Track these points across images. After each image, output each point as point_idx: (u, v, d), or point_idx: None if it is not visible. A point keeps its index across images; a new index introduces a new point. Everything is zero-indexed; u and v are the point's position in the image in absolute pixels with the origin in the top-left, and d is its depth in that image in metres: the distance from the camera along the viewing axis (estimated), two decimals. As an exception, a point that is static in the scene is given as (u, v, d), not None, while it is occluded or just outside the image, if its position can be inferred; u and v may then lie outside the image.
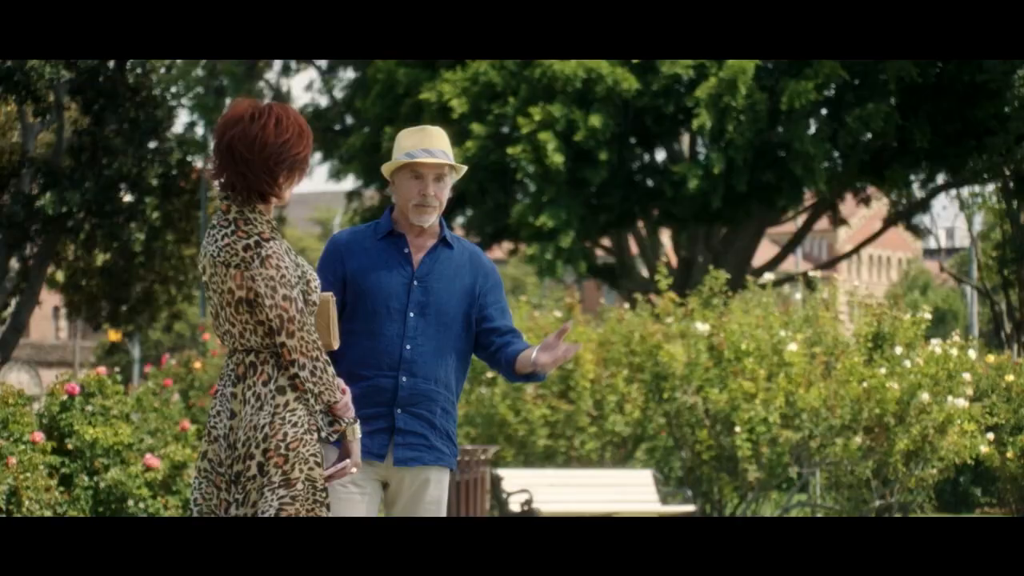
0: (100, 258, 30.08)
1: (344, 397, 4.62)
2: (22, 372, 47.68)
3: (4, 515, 11.63)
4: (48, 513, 11.90)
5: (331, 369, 4.60)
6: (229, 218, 4.61)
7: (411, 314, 5.22)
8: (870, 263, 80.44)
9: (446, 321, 5.27)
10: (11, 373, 45.68)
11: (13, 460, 11.78)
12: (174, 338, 45.64)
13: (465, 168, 5.51)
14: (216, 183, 4.69)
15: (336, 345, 4.73)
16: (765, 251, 35.06)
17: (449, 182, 5.38)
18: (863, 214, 50.87)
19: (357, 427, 4.65)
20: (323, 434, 4.57)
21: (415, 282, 5.27)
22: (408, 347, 5.21)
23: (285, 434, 4.47)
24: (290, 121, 4.66)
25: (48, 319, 60.10)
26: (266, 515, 4.41)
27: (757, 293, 16.34)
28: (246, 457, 4.47)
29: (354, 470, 4.62)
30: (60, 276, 34.47)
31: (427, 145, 5.32)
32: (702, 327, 15.54)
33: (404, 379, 5.21)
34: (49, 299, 48.44)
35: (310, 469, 4.49)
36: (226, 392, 4.58)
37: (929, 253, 65.27)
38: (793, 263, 46.80)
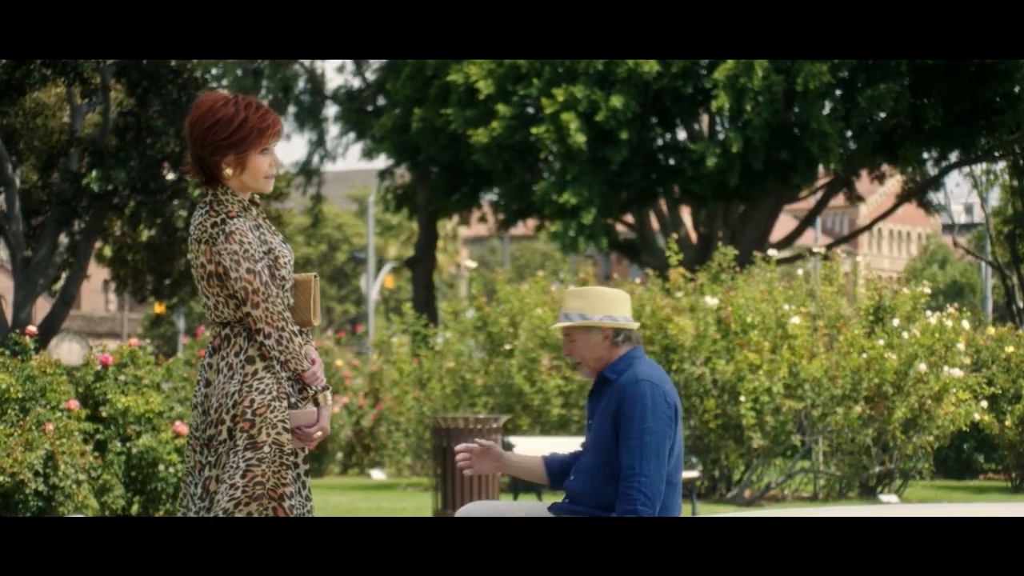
0: (145, 234, 30.48)
1: (312, 367, 4.74)
2: (73, 343, 48.12)
3: (42, 478, 11.92)
4: (83, 477, 12.19)
5: (298, 340, 4.71)
6: (207, 200, 4.77)
7: (583, 455, 5.61)
8: (890, 238, 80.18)
9: (604, 455, 5.51)
10: (63, 344, 46.14)
11: (50, 427, 12.06)
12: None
13: (595, 321, 5.59)
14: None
15: (316, 321, 4.85)
16: (786, 227, 34.99)
17: (579, 336, 5.58)
18: (883, 191, 50.75)
19: (327, 395, 4.77)
20: (292, 400, 4.69)
21: (587, 423, 5.66)
22: (571, 477, 5.60)
23: (252, 400, 4.61)
24: (225, 107, 4.71)
25: (98, 292, 60.61)
26: (235, 476, 4.60)
27: (764, 268, 16.48)
28: (217, 422, 4.63)
29: (319, 434, 4.73)
30: (107, 251, 34.85)
31: (562, 310, 5.64)
32: (710, 301, 15.71)
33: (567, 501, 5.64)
34: (99, 273, 48.89)
35: (278, 434, 4.62)
36: (204, 363, 4.75)
37: (947, 228, 65.01)
38: (812, 238, 46.71)
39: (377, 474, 20.25)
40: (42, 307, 37.78)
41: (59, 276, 31.78)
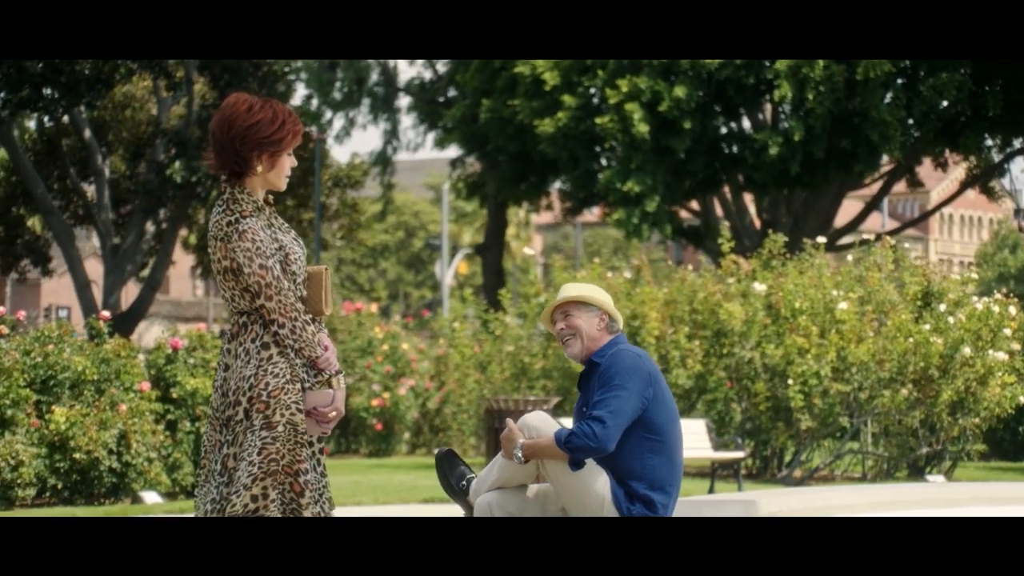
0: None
1: (325, 353, 4.97)
2: (163, 327, 49.02)
3: (115, 456, 12.34)
4: (154, 455, 12.60)
5: (311, 328, 4.95)
6: (223, 198, 5.02)
7: None
8: (961, 223, 79.36)
9: None
10: (152, 328, 47.00)
11: (124, 407, 12.49)
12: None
13: (592, 296, 5.92)
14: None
15: (328, 311, 5.09)
16: (854, 212, 34.84)
17: (581, 314, 5.91)
18: (954, 177, 50.30)
19: (340, 378, 5.01)
20: (307, 384, 4.95)
21: (577, 407, 6.01)
22: None
23: (267, 383, 4.85)
24: (264, 109, 4.97)
25: (186, 278, 61.55)
26: (252, 454, 4.87)
27: (813, 255, 16.58)
28: (235, 404, 4.88)
29: (334, 415, 4.99)
30: (192, 239, 35.48)
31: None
32: (759, 287, 15.86)
33: None
34: (186, 259, 49.73)
35: (292, 414, 4.87)
36: (223, 348, 5.02)
37: (1018, 213, 64.27)
38: (880, 223, 46.46)
39: (443, 454, 20.60)
40: (133, 292, 38.56)
41: (146, 263, 32.50)
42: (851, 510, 8.66)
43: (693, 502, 8.06)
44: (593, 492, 5.74)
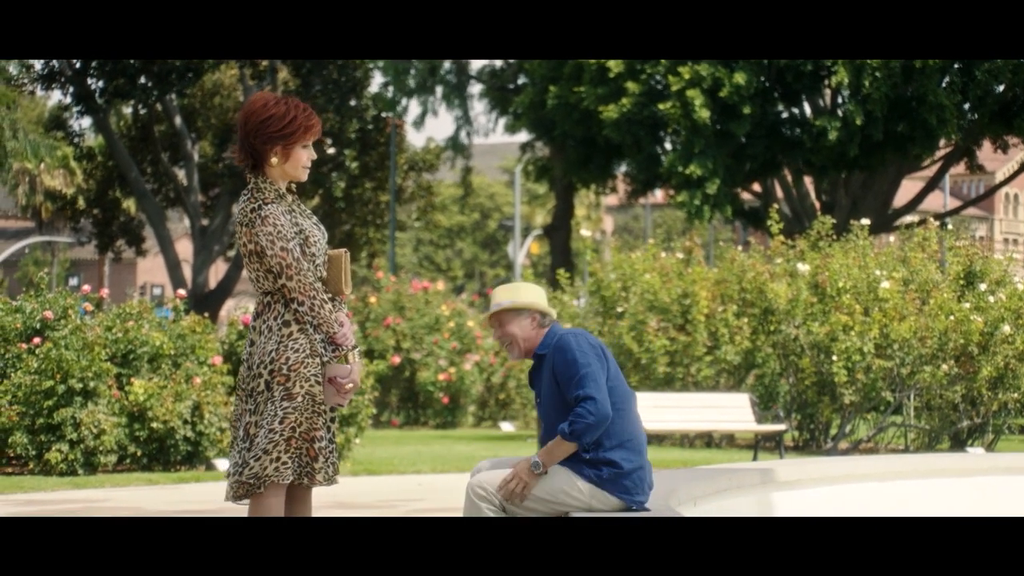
0: (307, 204, 31.34)
1: (342, 329, 5.22)
2: (250, 304, 49.69)
3: (190, 425, 12.78)
4: (225, 425, 13.03)
5: (328, 306, 5.20)
6: (248, 188, 5.30)
7: (540, 428, 6.09)
8: (1028, 203, 78.24)
9: (562, 413, 5.90)
10: (241, 304, 47.79)
11: (198, 380, 12.92)
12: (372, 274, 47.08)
13: (520, 303, 5.97)
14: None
15: (348, 291, 5.34)
16: (915, 192, 34.68)
17: (512, 320, 5.94)
18: (1017, 159, 49.75)
19: (356, 353, 5.27)
20: (325, 358, 5.22)
21: (536, 401, 6.13)
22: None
23: (287, 358, 5.12)
24: (278, 105, 5.23)
25: (273, 257, 62.25)
26: (273, 423, 5.13)
27: (859, 236, 16.69)
28: (257, 376, 5.16)
29: (350, 386, 5.23)
30: (277, 220, 36.03)
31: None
32: (802, 267, 16.01)
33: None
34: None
35: (311, 386, 5.14)
36: (251, 325, 5.31)
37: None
38: (942, 203, 46.08)
39: (506, 426, 20.89)
40: (222, 271, 39.19)
41: (233, 243, 33.15)
42: (868, 479, 8.82)
43: (712, 470, 8.26)
44: (558, 472, 5.83)
